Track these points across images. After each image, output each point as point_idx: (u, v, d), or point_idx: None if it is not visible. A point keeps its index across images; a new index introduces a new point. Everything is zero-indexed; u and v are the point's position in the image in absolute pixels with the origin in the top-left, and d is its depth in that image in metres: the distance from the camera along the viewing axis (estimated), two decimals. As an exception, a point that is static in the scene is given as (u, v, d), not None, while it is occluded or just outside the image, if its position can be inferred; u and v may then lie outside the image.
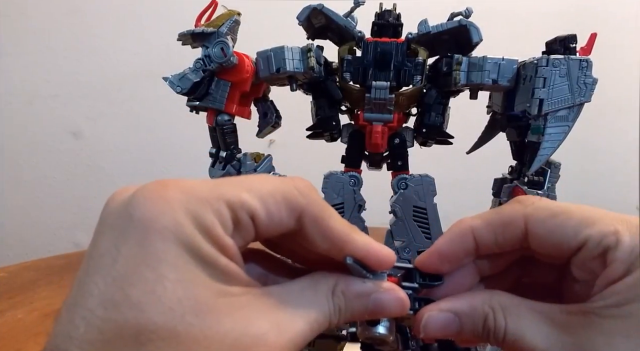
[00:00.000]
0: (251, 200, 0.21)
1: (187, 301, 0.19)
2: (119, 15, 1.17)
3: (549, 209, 0.24)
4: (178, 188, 0.20)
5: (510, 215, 0.25)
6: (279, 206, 0.22)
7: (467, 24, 0.42)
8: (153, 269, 0.19)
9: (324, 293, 0.23)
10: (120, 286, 0.18)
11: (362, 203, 0.45)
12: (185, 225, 0.19)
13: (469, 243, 0.26)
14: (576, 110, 0.40)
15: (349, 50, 0.44)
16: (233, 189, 0.21)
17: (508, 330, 0.23)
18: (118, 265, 0.19)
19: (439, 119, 0.45)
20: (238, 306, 0.21)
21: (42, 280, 0.85)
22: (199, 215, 0.20)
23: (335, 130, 0.47)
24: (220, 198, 0.20)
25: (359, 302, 0.24)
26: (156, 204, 0.19)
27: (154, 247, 0.19)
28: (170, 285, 0.19)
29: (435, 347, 0.44)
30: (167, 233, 0.19)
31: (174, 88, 0.44)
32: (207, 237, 0.20)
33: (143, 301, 0.18)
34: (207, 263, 0.20)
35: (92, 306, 0.18)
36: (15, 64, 1.19)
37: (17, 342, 0.63)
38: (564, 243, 0.23)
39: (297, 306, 0.22)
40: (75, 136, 1.22)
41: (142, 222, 0.19)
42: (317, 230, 0.23)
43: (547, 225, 0.24)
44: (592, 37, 0.42)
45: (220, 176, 0.46)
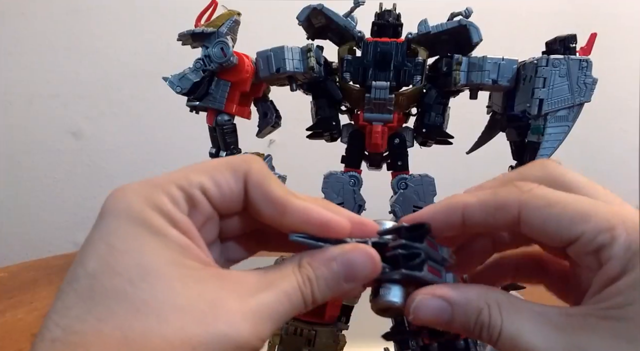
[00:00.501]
0: (197, 176, 0.23)
1: (135, 268, 0.20)
2: (119, 15, 1.17)
3: (545, 198, 0.23)
4: (137, 183, 0.23)
5: (505, 199, 0.24)
6: (225, 174, 0.23)
7: (467, 24, 0.42)
8: (105, 243, 0.21)
9: (289, 268, 0.23)
10: (80, 263, 0.21)
11: (362, 203, 0.45)
12: (136, 205, 0.21)
13: (456, 219, 0.25)
14: (576, 110, 0.40)
15: (349, 50, 0.44)
16: (183, 173, 0.23)
17: (504, 328, 0.23)
18: (82, 249, 0.21)
19: (439, 119, 0.45)
20: (193, 276, 0.21)
21: (42, 280, 0.85)
22: (151, 196, 0.22)
23: (335, 130, 0.47)
24: (171, 182, 0.23)
25: (327, 269, 0.23)
26: (115, 195, 0.22)
27: (108, 225, 0.21)
28: (119, 254, 0.20)
29: (435, 347, 0.44)
30: (119, 214, 0.21)
31: (174, 88, 0.44)
32: (157, 212, 0.22)
33: (96, 269, 0.20)
34: (158, 234, 0.21)
35: (61, 286, 0.21)
36: (15, 64, 1.19)
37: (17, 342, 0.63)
38: (557, 235, 0.23)
39: (261, 280, 0.22)
40: (75, 136, 1.22)
41: (103, 211, 0.22)
42: (259, 194, 0.24)
43: (541, 215, 0.23)
44: (592, 37, 0.42)
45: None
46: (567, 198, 0.23)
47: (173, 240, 0.21)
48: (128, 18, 1.17)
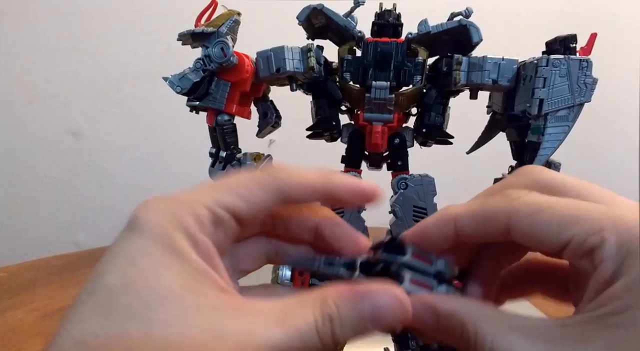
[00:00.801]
0: (225, 196, 0.23)
1: (153, 289, 0.20)
2: (119, 15, 1.17)
3: (534, 204, 0.23)
4: (163, 198, 0.23)
5: (494, 208, 0.24)
6: (253, 190, 0.24)
7: (467, 23, 0.42)
8: (127, 260, 0.21)
9: (310, 303, 0.22)
10: (100, 275, 0.21)
11: (362, 203, 0.45)
12: (162, 224, 0.22)
13: (449, 231, 0.25)
14: (576, 110, 0.41)
15: (349, 50, 0.44)
16: (209, 191, 0.23)
17: (495, 343, 0.21)
18: (103, 262, 0.21)
19: (439, 119, 0.45)
20: (208, 305, 0.21)
21: (42, 280, 0.85)
22: (177, 215, 0.22)
23: (335, 130, 0.47)
24: (198, 201, 0.23)
25: (354, 310, 0.22)
26: (140, 211, 0.22)
27: (132, 242, 0.21)
28: (140, 273, 0.20)
29: (435, 347, 0.44)
30: (144, 232, 0.21)
31: (174, 88, 0.44)
32: (181, 232, 0.22)
33: (116, 285, 0.20)
34: (179, 258, 0.21)
35: (79, 295, 0.21)
36: (15, 64, 1.19)
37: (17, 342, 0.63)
38: (548, 240, 0.22)
39: (276, 313, 0.21)
40: (75, 136, 1.22)
41: (128, 228, 0.22)
42: (296, 188, 0.24)
43: (530, 221, 0.22)
44: (592, 37, 0.42)
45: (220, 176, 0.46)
46: (555, 202, 0.22)
47: (193, 265, 0.21)
48: (128, 18, 1.17)
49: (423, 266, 0.25)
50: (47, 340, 0.20)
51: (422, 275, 0.25)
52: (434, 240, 0.26)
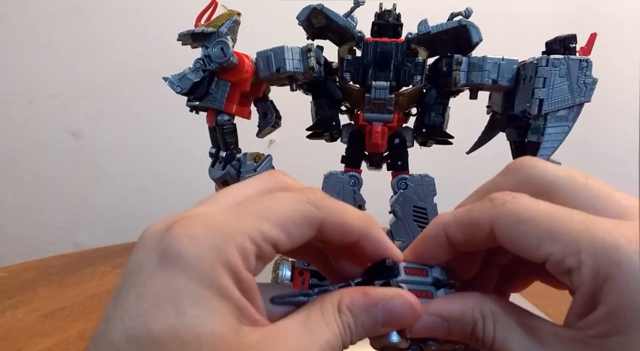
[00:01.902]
0: (272, 230, 0.22)
1: (204, 337, 0.19)
2: (119, 15, 1.17)
3: (516, 214, 0.22)
4: (203, 224, 0.21)
5: (478, 216, 0.24)
6: (299, 227, 0.23)
7: (467, 24, 0.42)
8: (174, 305, 0.19)
9: (330, 313, 0.23)
10: (143, 322, 0.19)
11: (362, 203, 0.45)
12: (208, 261, 0.20)
13: (442, 242, 0.25)
14: (576, 110, 0.41)
15: (349, 50, 0.44)
16: (254, 221, 0.22)
17: (496, 339, 0.23)
18: (142, 300, 0.20)
19: (439, 119, 0.45)
20: (249, 343, 0.21)
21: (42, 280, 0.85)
22: (222, 251, 0.20)
23: (335, 130, 0.47)
24: (243, 233, 0.21)
25: (368, 315, 0.23)
26: (182, 242, 0.20)
27: (177, 284, 0.20)
28: (189, 320, 0.19)
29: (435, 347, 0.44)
30: (189, 270, 0.20)
31: (174, 88, 0.44)
32: (227, 270, 0.20)
33: (164, 336, 0.19)
34: (224, 297, 0.20)
35: (115, 340, 0.19)
36: (15, 64, 1.19)
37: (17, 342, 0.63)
38: (528, 253, 0.22)
39: (306, 333, 0.22)
40: (75, 136, 1.22)
41: (168, 260, 0.20)
42: (336, 231, 0.24)
43: (511, 233, 0.22)
44: (592, 37, 0.42)
45: (220, 176, 0.46)
46: (538, 213, 0.22)
47: (235, 304, 0.21)
48: (128, 18, 1.17)
49: (419, 280, 0.26)
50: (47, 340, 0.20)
51: (420, 286, 0.26)
52: (431, 253, 0.26)
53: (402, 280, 0.26)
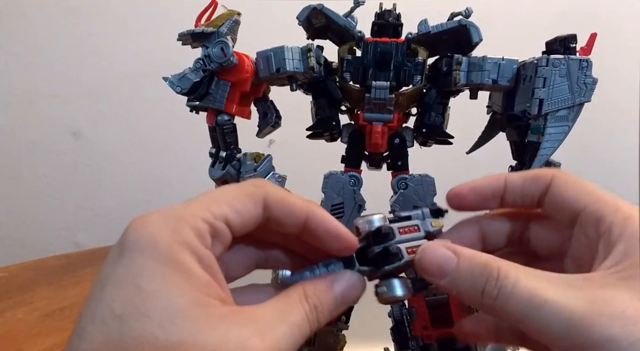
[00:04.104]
0: (220, 208, 0.24)
1: (164, 310, 0.20)
2: (119, 15, 1.17)
3: (575, 177, 0.28)
4: (157, 214, 0.23)
5: (542, 172, 0.29)
6: (245, 203, 0.25)
7: (467, 23, 0.42)
8: (133, 284, 0.21)
9: (296, 298, 0.25)
10: (107, 304, 0.20)
11: (362, 203, 0.45)
12: (163, 241, 0.21)
13: (500, 184, 0.29)
14: (576, 110, 0.41)
15: (349, 50, 0.44)
16: (205, 204, 0.24)
17: (519, 282, 0.23)
18: (106, 287, 0.21)
19: (439, 119, 0.45)
20: (216, 315, 0.21)
21: (42, 280, 0.85)
22: (177, 231, 0.22)
23: (335, 130, 0.47)
24: (195, 215, 0.23)
25: (329, 297, 0.26)
26: (138, 230, 0.22)
27: (135, 266, 0.21)
28: (147, 295, 0.20)
29: (435, 347, 0.44)
30: (146, 251, 0.21)
31: (174, 88, 0.44)
32: (185, 248, 0.22)
33: (124, 312, 0.20)
34: (184, 272, 0.21)
35: (84, 325, 0.20)
36: (15, 64, 1.19)
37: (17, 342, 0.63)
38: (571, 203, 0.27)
39: (274, 314, 0.23)
40: (75, 136, 1.22)
41: (127, 248, 0.22)
42: (282, 209, 0.25)
43: (567, 186, 0.27)
44: (592, 37, 0.42)
45: (220, 176, 0.46)
46: (590, 183, 0.27)
47: (197, 278, 0.22)
48: (128, 18, 1.17)
49: (413, 236, 0.28)
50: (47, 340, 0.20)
51: (416, 241, 0.28)
52: (484, 192, 0.30)
53: (398, 241, 0.28)
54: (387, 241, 0.27)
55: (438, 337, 0.44)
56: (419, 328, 0.45)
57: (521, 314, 0.23)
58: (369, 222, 0.28)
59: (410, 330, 0.45)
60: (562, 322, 0.22)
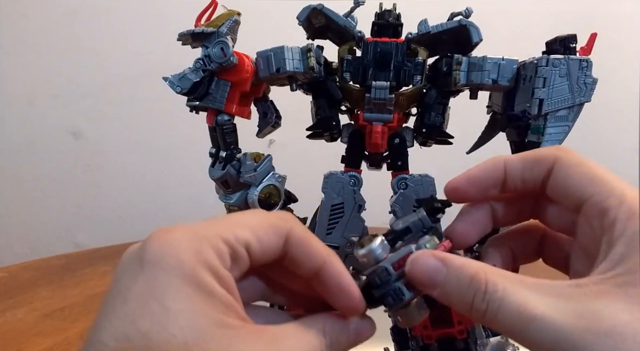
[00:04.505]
0: (244, 233, 0.24)
1: (189, 330, 0.21)
2: (119, 16, 1.17)
3: (577, 158, 0.26)
4: (180, 231, 0.23)
5: (544, 152, 0.27)
6: (268, 233, 0.25)
7: (467, 23, 0.42)
8: (159, 302, 0.21)
9: (314, 332, 0.25)
10: (130, 320, 0.20)
11: (362, 203, 0.45)
12: (187, 260, 0.22)
13: (499, 172, 0.28)
14: (576, 110, 0.41)
15: (349, 50, 0.44)
16: (228, 226, 0.24)
17: (507, 296, 0.22)
18: (129, 302, 0.21)
19: (439, 119, 0.45)
20: (237, 337, 0.22)
21: (42, 280, 0.85)
22: (200, 251, 0.22)
23: (335, 130, 0.47)
24: (218, 236, 0.23)
25: (345, 337, 0.27)
26: (162, 246, 0.22)
27: (160, 282, 0.21)
28: (174, 315, 0.21)
29: (435, 347, 0.44)
30: (170, 269, 0.21)
31: (174, 88, 0.44)
32: (207, 269, 0.22)
33: (150, 330, 0.20)
34: (207, 293, 0.22)
35: (104, 340, 0.20)
36: (15, 64, 1.19)
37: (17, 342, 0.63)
38: (575, 191, 0.25)
39: (293, 341, 0.24)
40: (75, 136, 1.22)
41: (150, 263, 0.22)
42: (301, 249, 0.25)
43: (569, 170, 0.26)
44: (592, 37, 0.42)
45: (220, 176, 0.46)
46: (596, 165, 0.26)
47: (220, 299, 0.22)
48: (128, 18, 1.17)
49: None
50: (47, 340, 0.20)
51: None
52: (483, 182, 0.28)
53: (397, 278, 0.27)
54: (385, 285, 0.27)
55: (438, 337, 0.44)
56: (419, 328, 0.45)
57: (512, 328, 0.22)
58: (368, 255, 0.28)
59: (410, 330, 0.45)
60: (552, 338, 0.21)
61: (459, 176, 0.29)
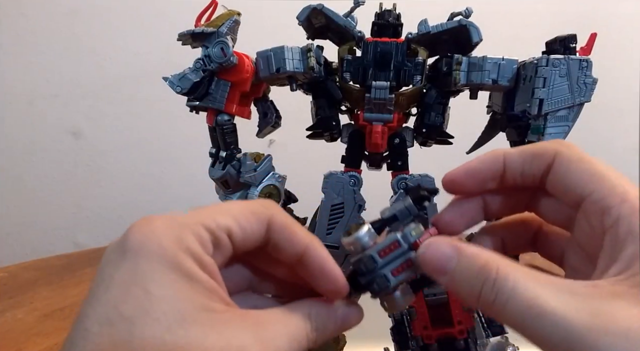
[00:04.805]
0: (225, 219, 0.24)
1: (172, 314, 0.21)
2: (119, 16, 1.17)
3: (578, 153, 0.25)
4: (161, 219, 0.23)
5: (544, 147, 0.27)
6: (250, 220, 0.25)
7: (467, 23, 0.42)
8: (141, 287, 0.21)
9: (301, 316, 0.25)
10: (113, 306, 0.21)
11: (362, 203, 0.45)
12: (169, 247, 0.22)
13: (498, 165, 0.27)
14: (576, 110, 0.41)
15: (349, 50, 0.44)
16: (209, 214, 0.24)
17: (518, 288, 0.22)
18: (112, 289, 0.21)
19: (439, 119, 0.45)
20: (221, 320, 0.22)
21: (42, 280, 0.85)
22: (181, 238, 0.22)
23: (335, 130, 0.47)
24: (199, 223, 0.23)
25: (331, 323, 0.27)
26: (143, 234, 0.22)
27: (142, 269, 0.21)
28: (156, 300, 0.21)
29: (435, 347, 0.44)
30: (152, 256, 0.22)
31: (174, 88, 0.44)
32: (188, 255, 0.22)
33: (134, 315, 0.20)
34: (190, 278, 0.22)
35: (88, 326, 0.21)
36: (15, 64, 1.19)
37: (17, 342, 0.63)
38: (574, 187, 0.25)
39: (278, 326, 0.24)
40: (75, 136, 1.22)
41: (132, 251, 0.22)
42: (284, 235, 0.26)
43: (570, 166, 0.25)
44: (592, 37, 0.42)
45: (220, 176, 0.46)
46: (597, 161, 0.25)
47: (202, 284, 0.22)
48: (128, 18, 1.17)
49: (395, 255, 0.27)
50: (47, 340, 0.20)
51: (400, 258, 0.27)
52: (481, 175, 0.28)
53: (382, 265, 0.27)
54: (370, 273, 0.27)
55: (438, 337, 0.44)
56: (419, 328, 0.45)
57: (520, 321, 0.22)
58: (355, 243, 0.28)
59: (410, 330, 0.45)
60: (563, 336, 0.20)
61: (457, 168, 0.29)
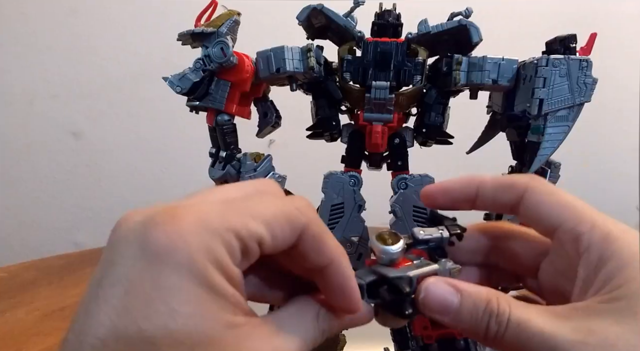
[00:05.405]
0: (258, 227, 0.22)
1: (197, 336, 0.20)
2: (119, 16, 1.17)
3: (549, 187, 0.28)
4: (188, 219, 0.21)
5: (516, 180, 0.29)
6: (283, 228, 0.23)
7: (467, 23, 0.42)
8: (166, 304, 0.19)
9: (309, 319, 0.25)
10: (133, 320, 0.19)
11: (362, 203, 0.45)
12: (199, 260, 0.20)
13: (471, 190, 0.29)
14: (576, 110, 0.41)
15: (349, 50, 0.44)
16: (241, 218, 0.22)
17: (512, 314, 0.24)
18: (131, 298, 0.19)
19: (439, 119, 0.45)
20: (242, 336, 0.21)
21: (42, 280, 0.85)
22: (211, 248, 0.21)
23: (335, 130, 0.47)
24: (230, 229, 0.21)
25: (337, 323, 0.27)
26: (170, 237, 0.20)
27: (168, 282, 0.20)
28: (182, 320, 0.19)
29: (435, 347, 0.44)
30: (180, 268, 0.20)
31: (174, 88, 0.44)
32: (217, 268, 0.21)
33: (156, 335, 0.19)
34: (216, 294, 0.21)
35: (103, 337, 0.19)
36: (15, 64, 1.19)
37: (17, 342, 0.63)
38: (546, 218, 0.27)
39: (289, 332, 0.24)
40: (75, 136, 1.22)
41: (156, 256, 0.20)
42: (314, 245, 0.24)
43: (540, 198, 0.27)
44: (592, 37, 0.42)
45: (220, 176, 0.46)
46: (565, 193, 0.27)
47: (228, 299, 0.21)
48: (128, 18, 1.17)
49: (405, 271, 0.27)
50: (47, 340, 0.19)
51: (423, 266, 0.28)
52: (454, 196, 0.30)
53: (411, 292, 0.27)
54: (403, 294, 0.26)
55: (438, 337, 0.44)
56: (419, 328, 0.45)
57: (516, 345, 0.24)
58: (387, 254, 0.27)
59: (410, 330, 0.45)
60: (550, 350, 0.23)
61: (435, 184, 0.31)
